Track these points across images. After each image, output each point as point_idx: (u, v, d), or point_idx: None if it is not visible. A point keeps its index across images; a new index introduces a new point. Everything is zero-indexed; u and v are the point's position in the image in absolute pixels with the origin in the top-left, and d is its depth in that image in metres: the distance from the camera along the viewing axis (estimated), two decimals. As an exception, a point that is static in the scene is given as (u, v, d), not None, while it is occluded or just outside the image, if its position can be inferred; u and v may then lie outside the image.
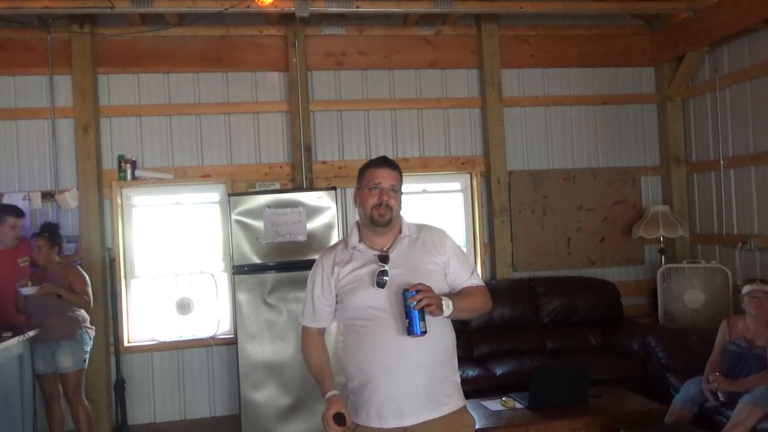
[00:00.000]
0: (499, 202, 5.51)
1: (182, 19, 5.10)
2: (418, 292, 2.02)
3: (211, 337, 5.13)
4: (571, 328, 5.19)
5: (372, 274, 2.15)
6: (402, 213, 2.30)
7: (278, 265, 4.59)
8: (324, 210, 4.66)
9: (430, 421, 2.13)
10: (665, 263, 5.40)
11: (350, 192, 5.33)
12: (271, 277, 4.58)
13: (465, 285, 2.26)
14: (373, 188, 2.20)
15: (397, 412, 2.12)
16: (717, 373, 3.80)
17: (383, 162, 2.25)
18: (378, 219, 2.19)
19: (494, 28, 5.54)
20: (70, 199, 4.92)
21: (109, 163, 5.10)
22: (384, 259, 2.16)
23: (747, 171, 5.02)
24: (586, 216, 5.69)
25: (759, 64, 4.83)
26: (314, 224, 4.63)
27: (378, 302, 2.14)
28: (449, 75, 5.60)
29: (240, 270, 4.58)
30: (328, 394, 2.16)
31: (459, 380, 2.28)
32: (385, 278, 2.12)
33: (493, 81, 5.53)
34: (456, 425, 2.19)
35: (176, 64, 5.20)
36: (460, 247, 2.35)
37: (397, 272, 2.15)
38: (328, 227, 4.65)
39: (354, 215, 5.36)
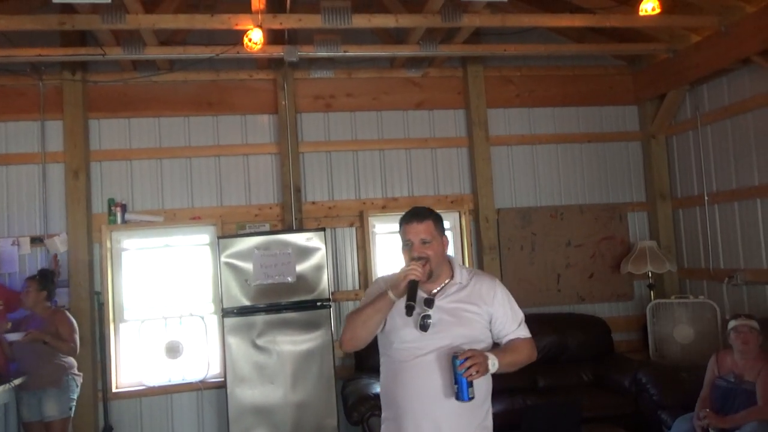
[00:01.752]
0: (488, 240, 5.55)
1: (173, 65, 5.20)
2: (467, 359, 2.08)
3: (200, 381, 5.08)
4: (563, 365, 5.18)
5: (417, 316, 2.18)
6: (453, 255, 2.34)
7: (268, 307, 4.59)
8: (313, 251, 4.68)
9: None
10: (654, 298, 5.42)
11: (339, 232, 5.40)
12: (260, 319, 4.57)
13: (511, 337, 2.31)
14: (406, 245, 2.27)
15: None
16: (707, 410, 3.79)
17: (411, 217, 2.28)
18: None
19: (479, 69, 5.66)
20: (59, 243, 4.92)
21: (99, 207, 5.11)
22: (429, 303, 2.20)
23: (731, 206, 5.09)
24: (574, 252, 5.74)
25: (738, 103, 4.95)
26: (303, 266, 4.65)
27: (419, 343, 2.21)
28: (436, 115, 5.70)
29: (229, 312, 4.57)
30: (387, 293, 2.17)
31: (491, 425, 2.33)
32: (428, 321, 2.18)
33: (479, 121, 5.62)
34: None
35: (167, 109, 5.27)
36: (510, 298, 2.37)
37: (441, 317, 2.22)
38: (318, 268, 4.67)
39: (342, 255, 5.39)
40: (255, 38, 4.37)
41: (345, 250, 5.41)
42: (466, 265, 5.56)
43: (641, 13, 4.45)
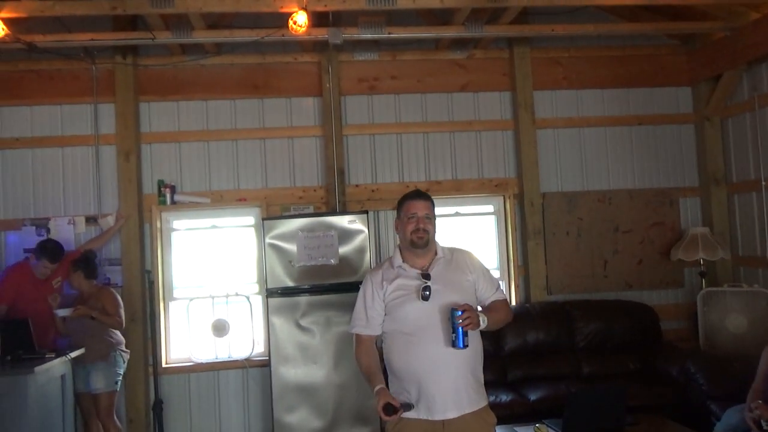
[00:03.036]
0: (533, 225, 5.47)
1: (220, 48, 5.27)
2: (464, 311, 2.40)
3: (246, 359, 5.20)
4: (608, 353, 5.09)
5: (416, 290, 2.54)
6: (437, 238, 2.70)
7: (311, 288, 4.64)
8: (356, 233, 4.71)
9: (465, 414, 2.53)
10: (706, 286, 5.25)
11: (382, 215, 5.42)
12: (304, 300, 4.63)
13: (492, 299, 2.70)
14: (410, 217, 2.62)
15: (443, 407, 2.50)
16: (760, 401, 3.67)
17: (417, 195, 2.70)
18: (417, 241, 2.61)
19: (526, 50, 5.55)
20: (111, 222, 5.07)
21: (150, 188, 5.25)
22: (427, 276, 2.56)
23: (790, 192, 4.89)
24: (622, 238, 5.60)
25: (800, 83, 4.73)
26: (346, 248, 4.68)
27: (422, 314, 2.52)
28: (481, 98, 5.62)
29: (273, 293, 4.65)
30: (377, 388, 2.50)
31: (482, 381, 2.67)
32: (428, 292, 2.51)
33: (525, 103, 5.52)
34: (483, 420, 2.59)
35: (214, 92, 5.36)
36: (485, 266, 2.76)
37: (437, 288, 2.54)
38: (360, 251, 4.69)
39: (385, 238, 5.40)
40: (300, 21, 4.38)
41: (387, 233, 5.42)
42: (511, 250, 5.52)
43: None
